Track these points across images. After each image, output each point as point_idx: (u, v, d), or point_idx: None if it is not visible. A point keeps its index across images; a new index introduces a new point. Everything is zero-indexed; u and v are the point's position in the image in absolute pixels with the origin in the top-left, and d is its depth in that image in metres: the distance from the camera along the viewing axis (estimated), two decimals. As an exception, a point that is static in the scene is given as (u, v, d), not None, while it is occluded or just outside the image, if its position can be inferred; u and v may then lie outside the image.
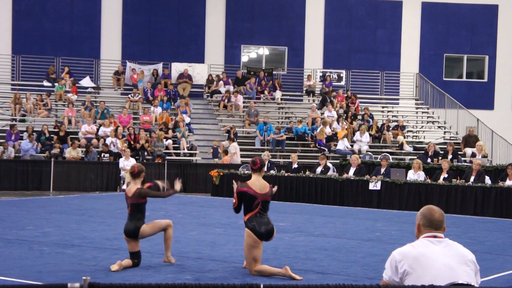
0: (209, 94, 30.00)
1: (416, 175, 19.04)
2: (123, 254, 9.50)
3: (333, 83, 31.17)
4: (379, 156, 23.59)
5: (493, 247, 11.83)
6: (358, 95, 30.28)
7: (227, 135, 26.19)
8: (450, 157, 21.52)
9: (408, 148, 26.50)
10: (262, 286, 3.72)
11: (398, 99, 32.74)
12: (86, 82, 29.82)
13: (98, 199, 19.32)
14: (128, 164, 22.44)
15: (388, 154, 24.51)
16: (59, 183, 22.47)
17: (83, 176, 22.81)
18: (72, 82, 28.79)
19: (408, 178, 19.03)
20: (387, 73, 32.40)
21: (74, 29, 30.70)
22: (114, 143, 24.13)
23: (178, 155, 25.23)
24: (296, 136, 26.93)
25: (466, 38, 33.34)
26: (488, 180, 18.09)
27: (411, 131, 29.96)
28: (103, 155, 23.43)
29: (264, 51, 32.95)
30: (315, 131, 26.62)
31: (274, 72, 31.45)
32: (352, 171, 19.88)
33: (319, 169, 20.60)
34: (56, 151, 23.60)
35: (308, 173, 20.28)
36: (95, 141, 24.48)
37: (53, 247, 10.52)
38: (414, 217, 5.11)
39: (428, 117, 31.30)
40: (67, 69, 29.37)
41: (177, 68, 30.23)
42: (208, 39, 31.67)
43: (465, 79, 33.93)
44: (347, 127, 26.87)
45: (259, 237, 8.68)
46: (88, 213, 15.36)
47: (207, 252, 10.43)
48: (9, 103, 27.34)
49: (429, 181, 18.54)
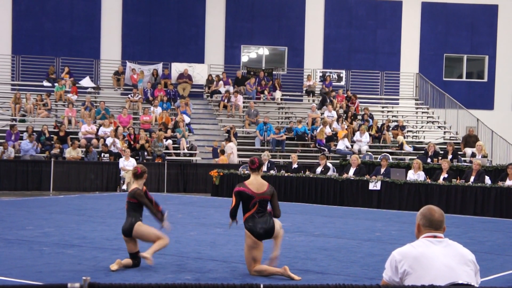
0: (209, 94, 29.99)
1: (416, 175, 19.04)
2: (123, 254, 9.49)
3: (333, 83, 31.16)
4: (379, 156, 23.58)
5: (493, 247, 11.83)
6: (358, 95, 30.27)
7: (227, 135, 26.19)
8: (450, 157, 21.51)
9: (408, 148, 26.49)
10: (262, 286, 3.72)
11: (398, 99, 32.73)
12: (86, 82, 29.81)
13: (98, 199, 19.32)
14: (128, 164, 22.46)
15: (388, 154, 24.50)
16: (59, 183, 22.47)
17: (83, 176, 22.81)
18: (72, 82, 28.78)
19: (408, 178, 19.02)
20: (387, 73, 32.40)
21: (74, 29, 30.70)
22: (114, 143, 24.13)
23: (178, 155, 25.23)
24: (296, 136, 26.92)
25: (466, 38, 33.33)
26: (488, 180, 18.08)
27: (411, 131, 29.96)
28: (103, 155, 23.43)
29: (264, 51, 32.95)
30: (315, 131, 26.62)
31: (274, 72, 31.45)
32: (352, 171, 19.87)
33: (319, 169, 20.59)
34: (56, 151, 23.60)
35: (308, 173, 20.28)
36: (95, 141, 24.48)
37: (53, 247, 10.52)
38: (414, 217, 5.11)
39: (428, 117, 31.29)
40: (67, 69, 29.37)
41: (177, 68, 30.23)
42: (208, 39, 31.67)
43: (465, 79, 33.93)
44: (347, 127, 26.87)
45: (257, 237, 8.68)
46: (88, 213, 15.36)
47: (207, 252, 10.43)
48: (9, 103, 27.35)
49: (429, 181, 18.53)
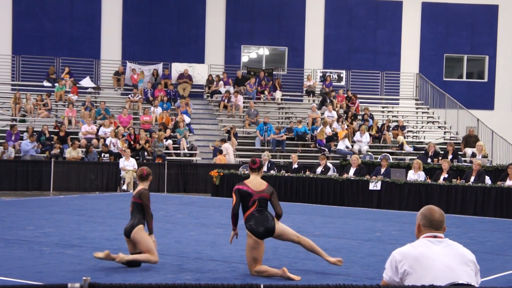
0: (209, 94, 29.99)
1: (416, 175, 19.03)
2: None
3: (333, 83, 31.16)
4: (379, 156, 23.58)
5: (493, 247, 11.82)
6: (358, 95, 30.26)
7: (227, 135, 26.20)
8: (450, 157, 21.50)
9: (408, 148, 26.49)
10: (262, 286, 3.71)
11: (398, 99, 32.73)
12: (86, 82, 29.81)
13: (98, 199, 19.31)
14: (128, 164, 22.46)
15: (388, 154, 24.51)
16: (59, 183, 22.47)
17: (83, 176, 22.81)
18: (72, 82, 28.78)
19: (408, 178, 19.02)
20: (387, 73, 32.40)
21: (74, 29, 30.70)
22: (114, 143, 24.13)
23: (178, 155, 25.23)
24: (296, 136, 26.92)
25: (466, 38, 33.33)
26: (488, 180, 18.08)
27: (411, 131, 29.95)
28: (103, 155, 23.43)
29: (264, 51, 32.95)
30: (315, 131, 26.62)
31: (274, 72, 31.45)
32: (352, 171, 19.87)
33: (319, 169, 20.59)
34: (56, 151, 23.60)
35: (308, 173, 20.27)
36: (95, 141, 24.48)
37: (53, 247, 10.52)
38: (414, 217, 5.10)
39: (428, 117, 31.29)
40: (67, 69, 29.37)
41: (177, 68, 30.22)
42: (208, 39, 31.67)
43: (465, 79, 33.93)
44: (347, 127, 26.87)
45: (258, 236, 8.66)
46: (88, 213, 15.35)
47: (207, 252, 10.43)
48: (9, 103, 27.34)
49: (429, 181, 18.53)
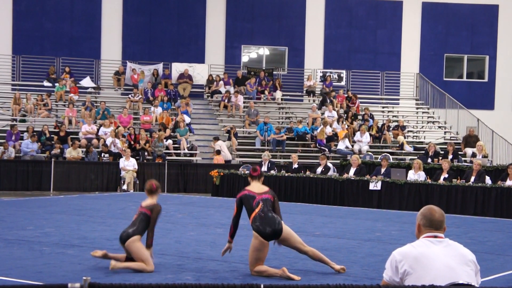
0: (209, 94, 29.99)
1: (416, 175, 19.03)
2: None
3: (333, 83, 31.16)
4: (380, 156, 23.58)
5: (494, 247, 11.82)
6: (358, 95, 30.27)
7: (227, 135, 26.21)
8: (450, 157, 21.49)
9: (408, 148, 26.49)
10: (262, 286, 3.71)
11: (398, 99, 32.73)
12: (86, 82, 29.81)
13: (98, 199, 19.30)
14: (128, 164, 22.45)
15: (388, 154, 24.51)
16: (59, 183, 22.47)
17: (83, 176, 22.81)
18: (72, 82, 28.79)
19: (408, 178, 19.01)
20: (387, 73, 32.40)
21: (74, 29, 30.70)
22: (114, 143, 24.13)
23: (178, 155, 25.23)
24: (296, 136, 26.92)
25: (466, 38, 33.33)
26: (488, 180, 18.07)
27: (411, 131, 29.95)
28: (103, 155, 23.43)
29: (264, 51, 32.95)
30: (315, 131, 26.62)
31: (274, 72, 31.45)
32: (352, 171, 19.86)
33: (319, 169, 20.58)
34: (56, 151, 23.60)
35: (308, 173, 20.26)
36: (95, 141, 24.48)
37: (53, 247, 10.52)
38: (414, 217, 5.10)
39: (428, 117, 31.29)
40: (67, 69, 29.37)
41: (178, 68, 30.23)
42: (208, 39, 31.67)
43: (465, 79, 33.93)
44: (347, 127, 26.86)
45: (265, 237, 8.57)
46: (88, 213, 15.35)
47: (207, 252, 10.42)
48: (9, 103, 27.35)
49: (430, 181, 18.52)
